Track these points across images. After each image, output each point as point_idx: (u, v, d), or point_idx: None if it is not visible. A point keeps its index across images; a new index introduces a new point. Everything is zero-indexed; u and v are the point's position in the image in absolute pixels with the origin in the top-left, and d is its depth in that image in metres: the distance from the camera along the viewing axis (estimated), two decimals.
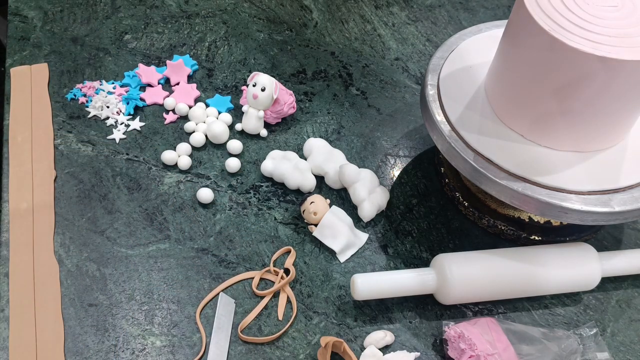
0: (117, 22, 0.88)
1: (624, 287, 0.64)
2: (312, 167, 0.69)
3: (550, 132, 0.56)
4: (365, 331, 0.58)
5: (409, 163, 0.74)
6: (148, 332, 0.57)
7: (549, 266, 0.58)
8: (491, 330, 0.55)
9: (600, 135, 0.56)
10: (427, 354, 0.57)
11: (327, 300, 0.60)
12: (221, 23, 0.90)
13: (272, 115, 0.74)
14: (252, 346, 0.56)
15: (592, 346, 0.57)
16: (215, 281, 0.61)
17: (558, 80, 0.51)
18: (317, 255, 0.64)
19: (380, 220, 0.67)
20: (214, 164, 0.71)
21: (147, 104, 0.77)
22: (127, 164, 0.70)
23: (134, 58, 0.83)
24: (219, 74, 0.82)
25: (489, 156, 0.56)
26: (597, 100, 0.51)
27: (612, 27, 0.50)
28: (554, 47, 0.49)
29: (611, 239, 0.67)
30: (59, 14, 0.88)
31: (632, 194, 0.54)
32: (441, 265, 0.57)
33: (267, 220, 0.66)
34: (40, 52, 0.82)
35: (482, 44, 0.67)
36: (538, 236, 0.64)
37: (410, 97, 0.82)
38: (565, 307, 0.62)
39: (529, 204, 0.54)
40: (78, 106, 0.76)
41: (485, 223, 0.66)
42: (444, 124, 0.60)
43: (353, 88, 0.82)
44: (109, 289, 0.59)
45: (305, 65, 0.85)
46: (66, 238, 0.63)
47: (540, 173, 0.55)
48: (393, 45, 0.89)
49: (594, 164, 0.56)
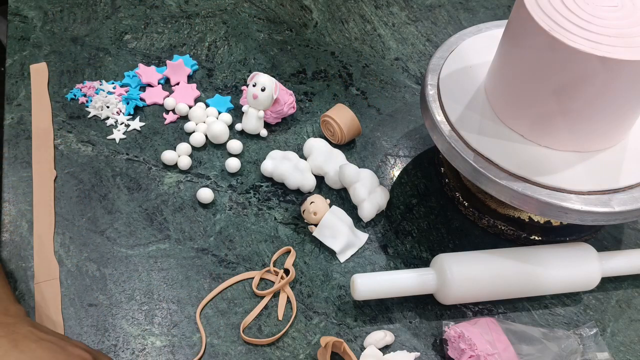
0: (117, 22, 0.88)
1: (624, 287, 0.64)
2: (312, 167, 0.69)
3: (550, 132, 0.56)
4: (365, 331, 0.58)
5: (409, 163, 0.74)
6: (148, 332, 0.57)
7: (549, 266, 0.58)
8: (491, 330, 0.55)
9: (600, 135, 0.56)
10: (427, 354, 0.57)
11: (327, 300, 0.60)
12: (221, 23, 0.90)
13: (272, 115, 0.74)
14: (252, 346, 0.56)
15: (592, 346, 0.57)
16: (215, 281, 0.61)
17: (558, 80, 0.51)
18: (317, 255, 0.64)
19: (380, 220, 0.67)
20: (214, 164, 0.71)
21: (147, 104, 0.77)
22: (127, 164, 0.70)
23: (134, 58, 0.83)
24: (219, 74, 0.82)
25: (489, 156, 0.56)
26: (597, 100, 0.51)
27: (612, 27, 0.50)
28: (554, 47, 0.49)
29: (611, 239, 0.67)
30: (59, 14, 0.88)
31: (632, 194, 0.54)
32: (441, 265, 0.57)
33: (267, 220, 0.66)
34: (40, 52, 0.82)
35: (482, 44, 0.67)
36: (538, 236, 0.64)
37: (410, 97, 0.82)
38: (565, 307, 0.62)
39: (529, 204, 0.54)
40: (78, 106, 0.76)
41: (485, 223, 0.66)
42: (444, 124, 0.60)
43: (353, 88, 0.82)
44: (109, 289, 0.59)
45: (305, 65, 0.85)
46: (66, 238, 0.63)
47: (540, 173, 0.55)
48: (393, 45, 0.89)
49: (594, 164, 0.56)
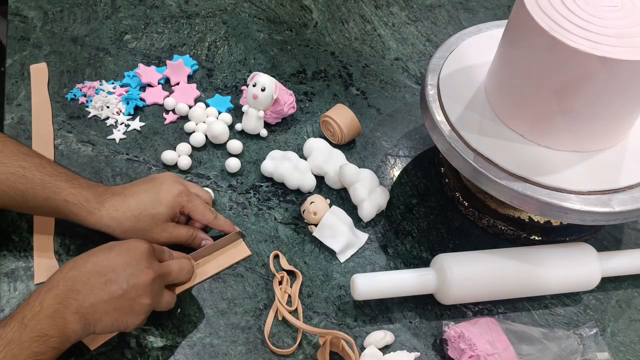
0: (117, 22, 0.88)
1: (624, 287, 0.64)
2: (312, 167, 0.69)
3: (550, 132, 0.56)
4: (365, 331, 0.58)
5: (409, 163, 0.74)
6: (148, 332, 0.57)
7: (549, 266, 0.58)
8: (491, 330, 0.55)
9: (600, 135, 0.56)
10: (427, 354, 0.57)
11: (327, 300, 0.60)
12: (221, 23, 0.90)
13: (272, 115, 0.74)
14: (252, 346, 0.56)
15: (592, 346, 0.57)
16: (215, 281, 0.61)
17: (558, 80, 0.51)
18: (317, 255, 0.64)
19: (380, 220, 0.67)
20: (214, 164, 0.71)
21: (147, 104, 0.77)
22: (127, 164, 0.70)
23: (134, 58, 0.83)
24: (219, 74, 0.82)
25: (489, 156, 0.56)
26: (597, 100, 0.51)
27: (612, 27, 0.50)
28: (554, 47, 0.49)
29: (611, 239, 0.67)
30: (59, 14, 0.88)
31: (632, 194, 0.54)
32: (441, 265, 0.57)
33: (267, 220, 0.66)
34: (40, 52, 0.82)
35: (482, 44, 0.67)
36: (538, 236, 0.64)
37: (410, 97, 0.82)
38: (565, 307, 0.62)
39: (529, 204, 0.54)
40: (78, 106, 0.76)
41: (485, 223, 0.66)
42: (444, 124, 0.60)
43: (353, 88, 0.82)
44: None
45: (305, 65, 0.85)
46: (66, 238, 0.63)
47: (540, 173, 0.55)
48: (393, 45, 0.89)
49: (594, 164, 0.56)
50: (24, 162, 0.56)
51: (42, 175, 0.55)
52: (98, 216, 0.56)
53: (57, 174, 0.57)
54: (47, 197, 0.55)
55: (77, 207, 0.56)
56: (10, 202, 0.56)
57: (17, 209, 0.59)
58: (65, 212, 0.56)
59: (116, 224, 0.56)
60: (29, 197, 0.55)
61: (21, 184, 0.55)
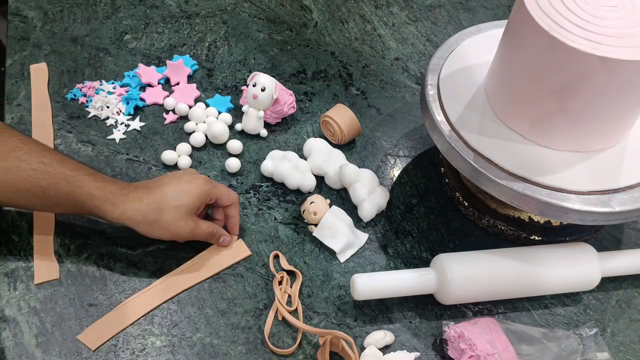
0: (117, 22, 0.88)
1: (624, 287, 0.64)
2: (312, 167, 0.69)
3: (550, 132, 0.56)
4: (365, 331, 0.58)
5: (409, 163, 0.74)
6: (148, 332, 0.57)
7: (549, 266, 0.58)
8: (491, 330, 0.55)
9: (600, 135, 0.56)
10: (427, 354, 0.57)
11: (327, 300, 0.60)
12: (221, 23, 0.90)
13: (272, 115, 0.74)
14: (252, 346, 0.56)
15: (592, 346, 0.57)
16: (215, 281, 0.61)
17: (558, 80, 0.51)
18: (317, 255, 0.64)
19: (380, 220, 0.67)
20: (214, 164, 0.71)
21: (147, 104, 0.77)
22: (127, 164, 0.70)
23: (134, 58, 0.83)
24: (219, 74, 0.82)
25: (489, 156, 0.56)
26: (597, 100, 0.51)
27: (612, 27, 0.50)
28: (554, 47, 0.49)
29: (611, 239, 0.67)
30: (59, 14, 0.88)
31: (632, 194, 0.54)
32: (441, 265, 0.57)
33: (267, 220, 0.66)
34: (40, 52, 0.82)
35: (482, 44, 0.67)
36: (538, 236, 0.64)
37: (410, 97, 0.82)
38: (565, 307, 0.62)
39: (529, 204, 0.54)
40: (78, 106, 0.76)
41: (485, 223, 0.66)
42: (444, 124, 0.60)
43: (353, 88, 0.82)
44: (109, 289, 0.59)
45: (305, 65, 0.85)
46: (66, 238, 0.63)
47: (540, 173, 0.55)
48: (393, 45, 0.89)
49: (594, 164, 0.56)
50: (44, 158, 0.55)
51: (65, 170, 0.55)
52: (123, 209, 0.55)
53: (79, 168, 0.56)
54: (71, 192, 0.55)
55: (101, 201, 0.55)
56: (32, 199, 0.55)
57: (38, 208, 0.58)
58: (90, 206, 0.55)
59: (141, 217, 0.55)
60: (52, 192, 0.54)
61: (43, 180, 0.54)
